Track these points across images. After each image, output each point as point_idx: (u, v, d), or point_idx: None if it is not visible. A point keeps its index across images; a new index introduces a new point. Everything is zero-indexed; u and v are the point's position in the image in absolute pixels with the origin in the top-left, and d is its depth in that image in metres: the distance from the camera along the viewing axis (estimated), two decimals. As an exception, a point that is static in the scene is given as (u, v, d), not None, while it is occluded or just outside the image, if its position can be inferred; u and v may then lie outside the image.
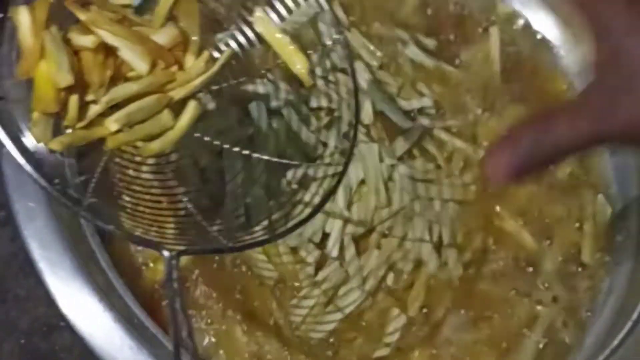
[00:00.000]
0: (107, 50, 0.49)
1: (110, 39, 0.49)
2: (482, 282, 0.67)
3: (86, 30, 0.49)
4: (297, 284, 0.63)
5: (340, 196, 0.64)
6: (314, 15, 0.60)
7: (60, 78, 0.47)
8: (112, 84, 0.49)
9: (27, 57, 0.48)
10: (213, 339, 0.61)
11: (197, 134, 0.53)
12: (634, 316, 0.60)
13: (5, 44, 0.49)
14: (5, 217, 0.66)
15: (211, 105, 0.56)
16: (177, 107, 0.51)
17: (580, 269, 0.69)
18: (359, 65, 0.70)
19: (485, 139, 0.71)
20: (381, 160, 0.66)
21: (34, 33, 0.48)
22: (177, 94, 0.51)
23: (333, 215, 0.65)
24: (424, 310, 0.65)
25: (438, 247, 0.67)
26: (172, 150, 0.52)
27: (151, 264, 0.62)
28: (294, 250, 0.64)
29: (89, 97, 0.49)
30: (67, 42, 0.48)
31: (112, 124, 0.49)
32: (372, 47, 0.72)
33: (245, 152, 0.56)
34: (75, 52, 0.48)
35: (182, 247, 0.47)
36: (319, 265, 0.64)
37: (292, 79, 0.59)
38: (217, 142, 0.54)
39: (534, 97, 0.75)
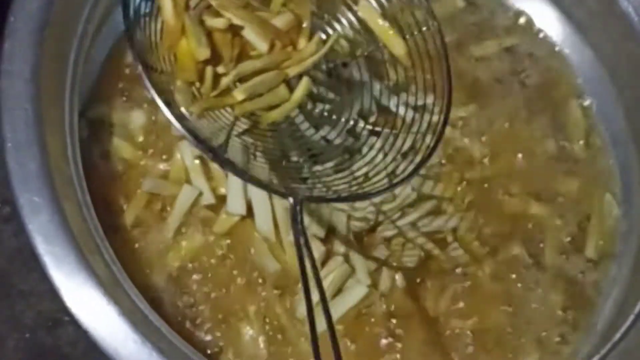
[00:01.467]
0: (234, 32, 0.60)
1: (237, 21, 0.59)
2: (487, 275, 0.67)
3: (217, 13, 0.59)
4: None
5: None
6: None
7: (199, 52, 0.57)
8: (238, 61, 0.60)
9: (170, 35, 0.58)
10: (219, 341, 0.61)
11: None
12: (637, 310, 0.60)
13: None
14: (9, 213, 0.66)
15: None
16: (292, 83, 0.62)
17: (584, 263, 0.69)
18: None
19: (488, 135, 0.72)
20: (385, 154, 0.66)
21: (176, 15, 0.58)
22: (292, 71, 0.61)
23: (338, 210, 0.65)
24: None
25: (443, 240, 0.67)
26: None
27: (155, 255, 0.62)
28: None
29: (221, 70, 0.59)
30: (201, 23, 0.59)
31: (239, 94, 0.58)
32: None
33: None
34: (207, 33, 0.58)
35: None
36: (324, 261, 0.64)
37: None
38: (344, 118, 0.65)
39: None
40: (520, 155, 0.72)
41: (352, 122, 0.65)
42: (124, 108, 0.66)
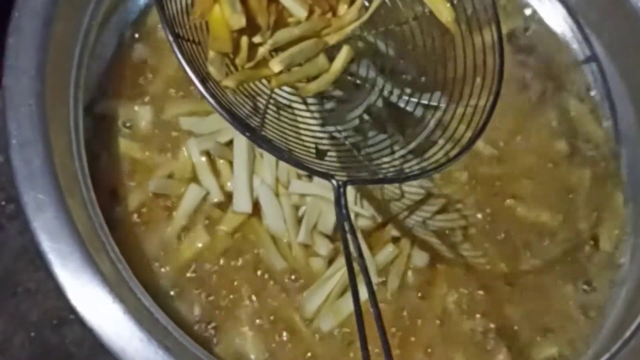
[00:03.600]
0: None
1: None
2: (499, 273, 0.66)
3: None
4: (308, 277, 0.63)
5: (350, 190, 0.63)
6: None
7: (233, 20, 0.52)
8: (275, 29, 0.55)
9: (202, 2, 0.54)
10: (225, 338, 0.61)
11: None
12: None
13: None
14: (13, 211, 0.65)
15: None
16: (332, 51, 0.58)
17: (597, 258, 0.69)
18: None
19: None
20: (392, 152, 0.65)
21: None
22: (332, 39, 0.57)
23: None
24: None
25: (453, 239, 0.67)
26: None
27: (160, 253, 0.62)
28: (306, 245, 0.63)
29: (256, 39, 0.54)
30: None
31: (276, 65, 0.54)
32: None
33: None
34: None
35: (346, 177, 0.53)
36: (332, 258, 0.63)
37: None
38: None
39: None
40: (529, 153, 0.71)
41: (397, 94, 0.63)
42: (130, 104, 0.66)
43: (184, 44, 0.52)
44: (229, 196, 0.64)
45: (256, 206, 0.64)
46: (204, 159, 0.64)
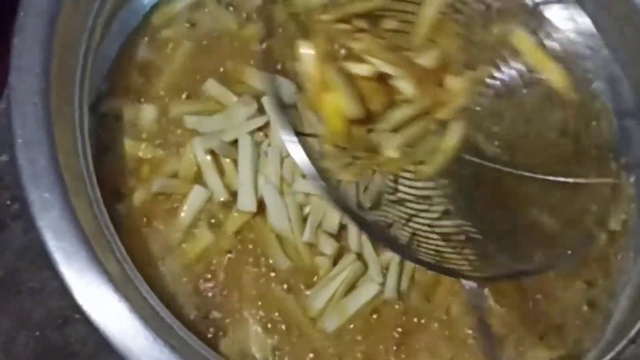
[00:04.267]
0: (379, 77, 0.49)
1: (385, 67, 0.49)
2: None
3: (357, 58, 0.49)
4: (313, 276, 0.63)
5: (352, 184, 0.63)
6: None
7: (350, 110, 0.47)
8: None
9: (313, 90, 0.49)
10: (230, 337, 0.61)
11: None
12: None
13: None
14: (18, 210, 0.65)
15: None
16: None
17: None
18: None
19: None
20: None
21: (318, 66, 0.48)
22: (444, 114, 0.51)
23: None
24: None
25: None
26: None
27: (165, 252, 0.62)
28: (311, 244, 0.63)
29: (370, 125, 0.49)
30: (341, 72, 0.48)
31: (392, 151, 0.50)
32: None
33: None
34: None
35: (479, 274, 0.48)
36: (337, 257, 0.63)
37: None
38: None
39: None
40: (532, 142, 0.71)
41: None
42: (135, 103, 0.66)
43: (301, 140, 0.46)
44: (233, 195, 0.64)
45: (261, 205, 0.63)
46: (208, 157, 0.64)
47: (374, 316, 0.63)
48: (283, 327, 0.61)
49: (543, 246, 0.52)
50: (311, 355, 0.61)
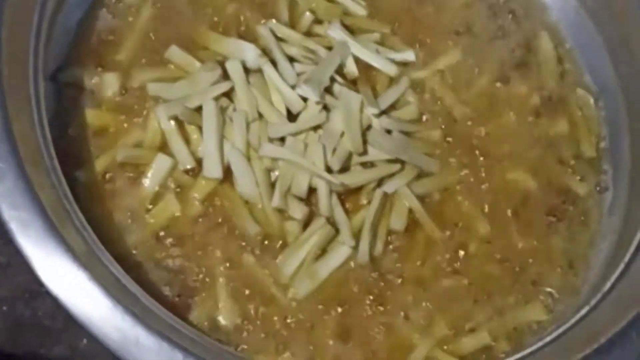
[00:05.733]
0: None
1: None
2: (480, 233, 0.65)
3: None
4: (282, 242, 0.62)
5: (319, 147, 0.62)
6: None
7: None
8: None
9: None
10: (196, 303, 0.60)
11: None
12: (627, 258, 0.57)
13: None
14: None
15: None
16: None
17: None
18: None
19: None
20: (362, 110, 0.64)
21: None
22: None
23: (314, 168, 0.62)
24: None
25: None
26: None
27: (130, 221, 0.61)
28: (280, 209, 0.62)
29: None
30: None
31: None
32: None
33: None
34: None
35: None
36: (307, 222, 0.62)
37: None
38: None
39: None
40: (503, 107, 0.70)
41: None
42: (97, 72, 0.64)
43: None
44: (199, 162, 0.62)
45: (228, 172, 0.62)
46: (173, 124, 0.63)
47: (348, 281, 0.62)
48: (253, 294, 0.60)
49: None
50: (283, 321, 0.60)
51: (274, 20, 0.69)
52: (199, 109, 0.63)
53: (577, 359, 0.51)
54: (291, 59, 0.66)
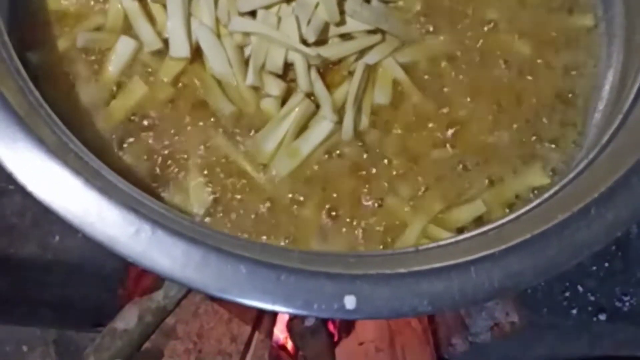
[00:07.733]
0: None
1: None
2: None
3: None
4: (260, 120, 0.58)
5: (293, 19, 0.58)
6: None
7: None
8: None
9: None
10: (168, 186, 0.56)
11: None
12: (625, 108, 0.54)
13: None
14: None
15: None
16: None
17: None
18: None
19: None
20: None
21: None
22: None
23: (289, 41, 0.59)
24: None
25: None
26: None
27: (96, 106, 0.57)
28: (255, 87, 0.58)
29: None
30: None
31: None
32: None
33: None
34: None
35: None
36: (285, 98, 0.58)
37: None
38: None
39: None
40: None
41: None
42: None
43: None
44: (167, 43, 0.58)
45: (198, 51, 0.58)
46: (136, 4, 0.59)
47: (332, 159, 0.58)
48: (230, 175, 0.57)
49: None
50: (267, 204, 0.57)
51: None
52: (162, -14, 0.59)
53: (578, 209, 0.48)
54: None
